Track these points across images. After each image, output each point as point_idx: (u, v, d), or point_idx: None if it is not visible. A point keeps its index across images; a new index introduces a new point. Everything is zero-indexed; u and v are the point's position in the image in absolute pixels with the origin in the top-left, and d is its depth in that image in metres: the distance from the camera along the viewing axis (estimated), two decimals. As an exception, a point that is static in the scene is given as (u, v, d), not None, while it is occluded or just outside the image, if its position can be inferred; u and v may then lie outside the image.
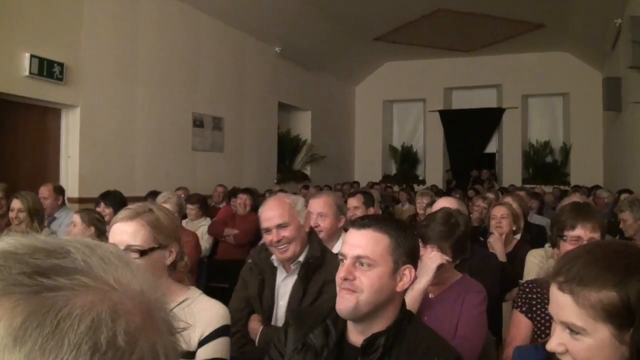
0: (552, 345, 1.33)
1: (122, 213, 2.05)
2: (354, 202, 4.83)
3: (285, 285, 2.81)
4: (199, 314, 2.04)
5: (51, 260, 0.61)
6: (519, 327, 2.56)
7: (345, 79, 16.24)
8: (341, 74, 15.70)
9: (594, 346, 1.26)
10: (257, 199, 8.46)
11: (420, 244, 2.62)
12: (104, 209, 5.19)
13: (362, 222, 1.84)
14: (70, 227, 4.22)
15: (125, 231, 1.99)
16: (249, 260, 2.96)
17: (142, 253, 1.96)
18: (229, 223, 6.70)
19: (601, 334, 1.25)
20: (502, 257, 4.15)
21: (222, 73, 10.54)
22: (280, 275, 2.83)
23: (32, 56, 6.67)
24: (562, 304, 1.30)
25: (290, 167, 13.83)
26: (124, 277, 0.64)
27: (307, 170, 14.19)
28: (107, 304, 0.59)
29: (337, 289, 1.78)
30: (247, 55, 11.35)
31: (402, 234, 1.80)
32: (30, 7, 6.72)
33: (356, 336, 1.78)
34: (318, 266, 2.74)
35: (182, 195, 6.72)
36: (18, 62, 6.61)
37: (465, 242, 2.83)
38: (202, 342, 2.02)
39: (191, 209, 6.07)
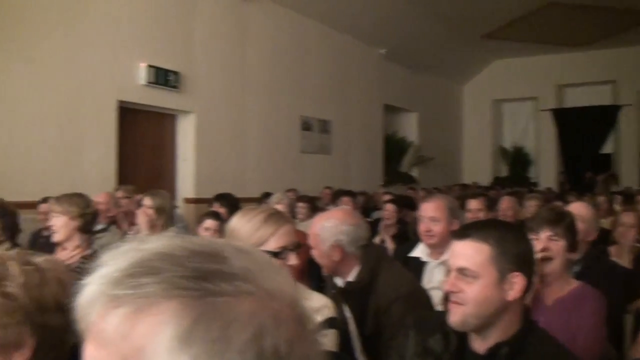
0: None
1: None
2: (476, 204, 4.67)
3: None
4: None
5: (210, 265, 0.60)
6: None
7: (453, 78, 15.93)
8: (448, 74, 15.40)
9: None
10: (368, 200, 8.46)
11: (534, 237, 2.50)
12: (218, 209, 5.37)
13: (462, 232, 1.77)
14: (210, 234, 4.25)
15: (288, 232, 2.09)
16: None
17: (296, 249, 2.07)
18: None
19: None
20: (627, 265, 3.91)
21: (329, 76, 10.64)
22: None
23: (148, 66, 7.07)
24: None
25: (397, 169, 13.71)
26: (279, 285, 0.63)
27: (414, 172, 14.04)
28: (268, 312, 0.59)
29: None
30: (352, 58, 11.38)
31: (506, 241, 1.70)
32: (146, 20, 7.14)
33: (478, 344, 1.72)
34: (364, 292, 2.63)
35: (292, 197, 6.83)
36: (136, 72, 7.03)
37: (576, 235, 2.67)
38: None
39: (301, 207, 6.16)
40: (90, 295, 0.60)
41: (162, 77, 7.26)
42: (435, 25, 12.18)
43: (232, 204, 5.55)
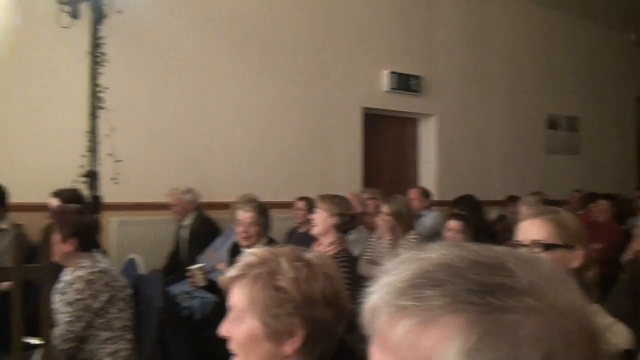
0: None
1: (526, 213, 2.09)
2: None
3: None
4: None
5: (494, 278, 0.58)
6: None
7: None
8: None
9: None
10: (622, 204, 7.77)
11: None
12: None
13: None
14: (453, 235, 4.32)
15: (530, 228, 2.00)
16: (623, 277, 2.72)
17: (547, 247, 1.93)
18: (588, 232, 6.27)
19: None
20: None
21: (575, 69, 10.05)
22: None
23: (391, 73, 7.38)
24: None
25: (654, 169, 12.43)
26: (568, 300, 0.59)
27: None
28: (558, 332, 0.56)
29: None
30: (599, 47, 10.58)
31: None
32: (388, 29, 7.44)
33: None
34: None
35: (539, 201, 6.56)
36: (379, 79, 7.38)
37: None
38: None
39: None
40: (376, 303, 0.62)
41: (404, 83, 7.51)
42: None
43: (473, 206, 5.51)
